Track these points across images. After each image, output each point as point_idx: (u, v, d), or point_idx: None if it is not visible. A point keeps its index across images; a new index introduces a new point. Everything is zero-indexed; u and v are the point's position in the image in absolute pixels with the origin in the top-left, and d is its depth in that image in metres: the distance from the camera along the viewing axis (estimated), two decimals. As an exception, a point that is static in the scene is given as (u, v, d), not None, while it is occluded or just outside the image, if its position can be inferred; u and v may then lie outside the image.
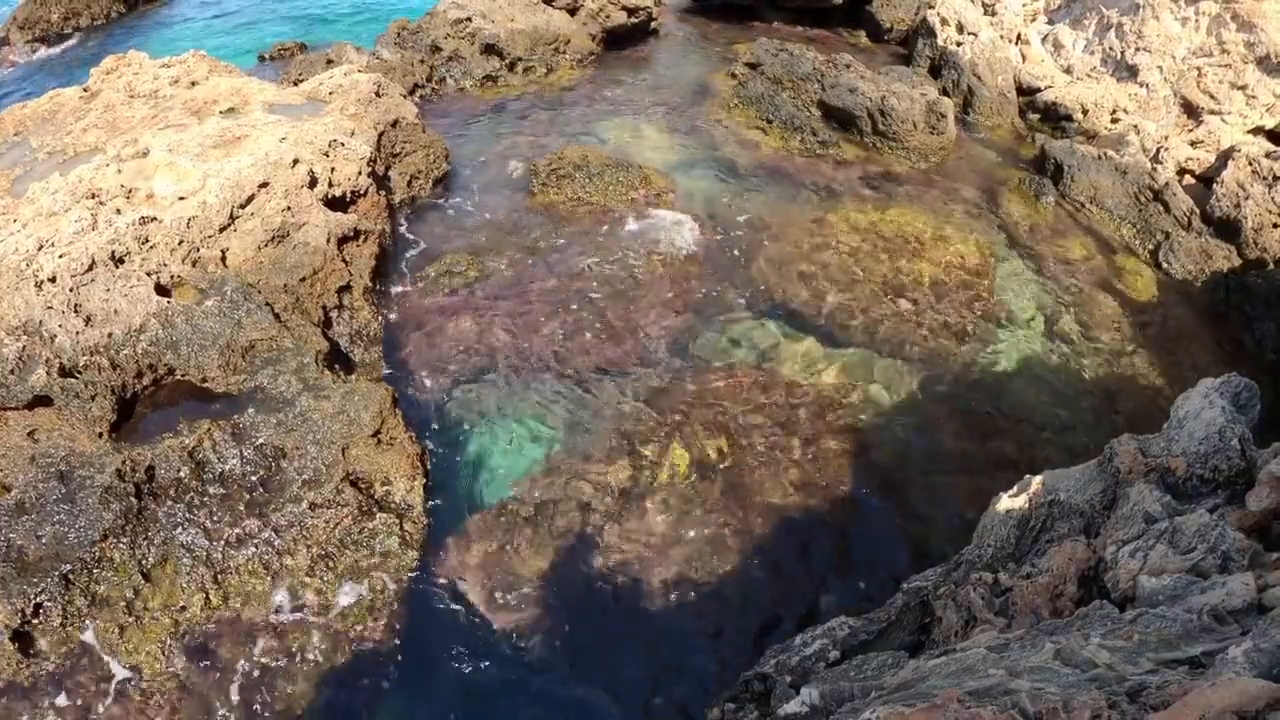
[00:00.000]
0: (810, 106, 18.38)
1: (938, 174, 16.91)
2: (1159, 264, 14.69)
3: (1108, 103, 17.68)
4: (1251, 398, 6.69)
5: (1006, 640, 4.89)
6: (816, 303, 13.13)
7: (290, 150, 12.67)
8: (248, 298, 10.78)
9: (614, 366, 11.84)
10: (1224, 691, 3.32)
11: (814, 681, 5.46)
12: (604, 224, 14.63)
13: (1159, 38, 17.43)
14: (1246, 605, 4.52)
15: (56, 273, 10.11)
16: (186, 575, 8.58)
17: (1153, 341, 13.06)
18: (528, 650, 8.64)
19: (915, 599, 6.98)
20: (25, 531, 8.38)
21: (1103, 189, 15.76)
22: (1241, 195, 14.60)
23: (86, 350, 9.81)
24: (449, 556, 9.43)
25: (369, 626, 8.62)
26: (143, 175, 11.86)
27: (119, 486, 8.71)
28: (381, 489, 9.47)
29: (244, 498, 9.12)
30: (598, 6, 22.03)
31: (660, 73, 21.04)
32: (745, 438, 10.85)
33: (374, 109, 15.21)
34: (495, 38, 20.24)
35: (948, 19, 20.53)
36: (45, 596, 8.10)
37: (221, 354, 10.27)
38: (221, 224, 11.45)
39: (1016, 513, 6.87)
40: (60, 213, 10.99)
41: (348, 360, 11.31)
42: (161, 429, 9.70)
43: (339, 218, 12.46)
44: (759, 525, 9.89)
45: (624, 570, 9.38)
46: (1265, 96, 16.15)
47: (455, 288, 12.97)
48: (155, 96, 14.52)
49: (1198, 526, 5.37)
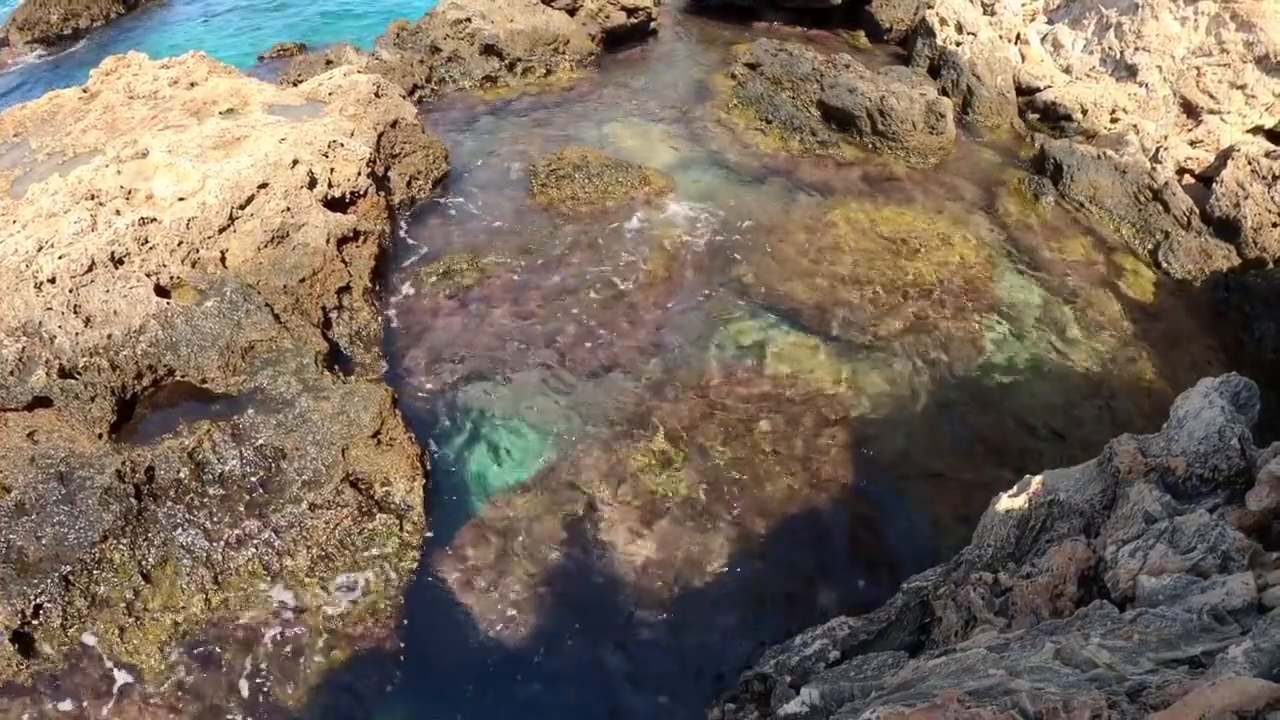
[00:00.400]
0: (810, 107, 18.38)
1: (937, 174, 16.91)
2: (1158, 264, 14.68)
3: (1107, 102, 17.68)
4: (1251, 397, 6.69)
5: (1006, 640, 4.89)
6: (816, 303, 13.12)
7: (290, 151, 12.67)
8: (247, 298, 10.78)
9: (613, 367, 11.84)
10: (1224, 691, 3.32)
11: (814, 681, 5.47)
12: (603, 224, 14.62)
13: (1158, 37, 17.43)
14: (1246, 605, 4.52)
15: (56, 274, 10.11)
16: (186, 576, 8.59)
17: (1152, 341, 13.05)
18: (527, 651, 8.64)
19: (915, 599, 6.99)
20: (25, 532, 8.39)
21: (1102, 189, 15.76)
22: (1241, 194, 14.60)
23: (86, 351, 9.81)
24: (449, 557, 9.44)
25: (369, 627, 8.62)
26: (142, 176, 11.86)
27: (119, 487, 8.72)
28: (381, 490, 9.47)
29: (244, 498, 9.12)
30: (597, 7, 22.01)
31: (659, 73, 21.02)
32: (745, 438, 10.86)
33: (373, 110, 15.20)
34: (494, 38, 20.22)
35: (946, 19, 20.53)
36: (45, 597, 8.10)
37: (221, 355, 10.27)
38: (221, 225, 11.45)
39: (1016, 512, 6.87)
40: (60, 214, 10.99)
41: (347, 361, 11.31)
42: (161, 430, 9.71)
43: (338, 218, 12.45)
44: (759, 525, 9.89)
45: (623, 571, 9.38)
46: (1265, 96, 16.15)
47: (455, 288, 12.96)
48: (155, 97, 14.51)
49: (1198, 526, 5.37)
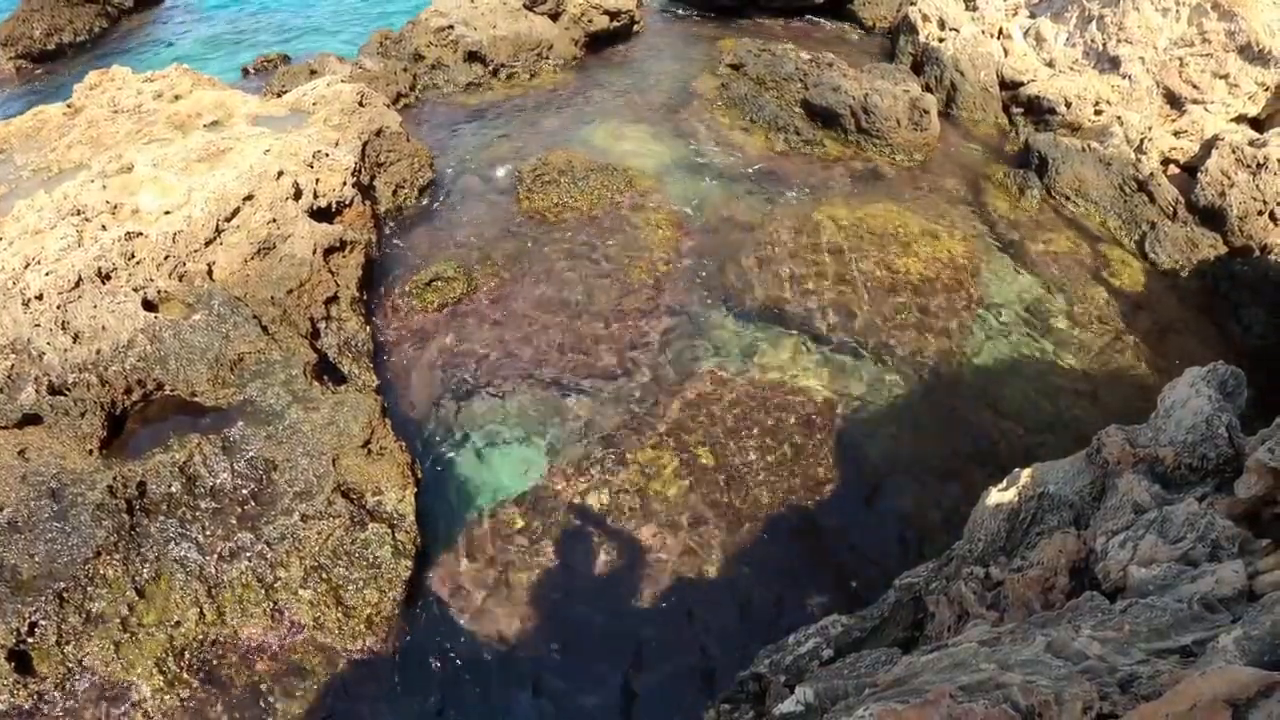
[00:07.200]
0: (794, 106, 18.43)
1: (922, 170, 16.96)
2: (1145, 254, 14.74)
3: (1091, 95, 17.74)
4: (1238, 385, 6.70)
5: (998, 634, 4.89)
6: (803, 303, 13.14)
7: (274, 162, 12.65)
8: (235, 311, 10.77)
9: (602, 373, 11.84)
10: (1215, 680, 3.33)
11: (808, 680, 5.46)
12: (590, 229, 14.62)
13: (1140, 29, 17.50)
14: (1237, 593, 4.53)
15: (43, 290, 10.08)
16: (180, 590, 8.55)
17: (1140, 331, 13.10)
18: (522, 658, 8.63)
19: (907, 595, 6.99)
20: (18, 550, 8.35)
21: (1087, 181, 15.82)
22: (1226, 183, 14.66)
23: (75, 367, 9.79)
24: (442, 565, 9.43)
25: (363, 637, 8.60)
26: (127, 190, 11.83)
27: (111, 503, 8.69)
28: (373, 499, 9.45)
29: (236, 511, 9.09)
30: (580, 11, 22.04)
31: (644, 75, 21.05)
32: (734, 441, 10.86)
33: (357, 119, 15.19)
34: (478, 45, 20.23)
35: (929, 15, 20.60)
36: (40, 615, 8.07)
37: (210, 368, 10.25)
38: (207, 238, 11.43)
39: (1006, 506, 6.88)
40: (46, 230, 10.96)
41: (336, 371, 11.28)
42: (152, 444, 9.68)
43: (324, 229, 12.45)
44: (750, 528, 9.89)
45: (616, 576, 9.38)
46: (1248, 85, 16.22)
47: (442, 297, 12.94)
48: (139, 111, 14.48)
49: (1187, 515, 5.38)
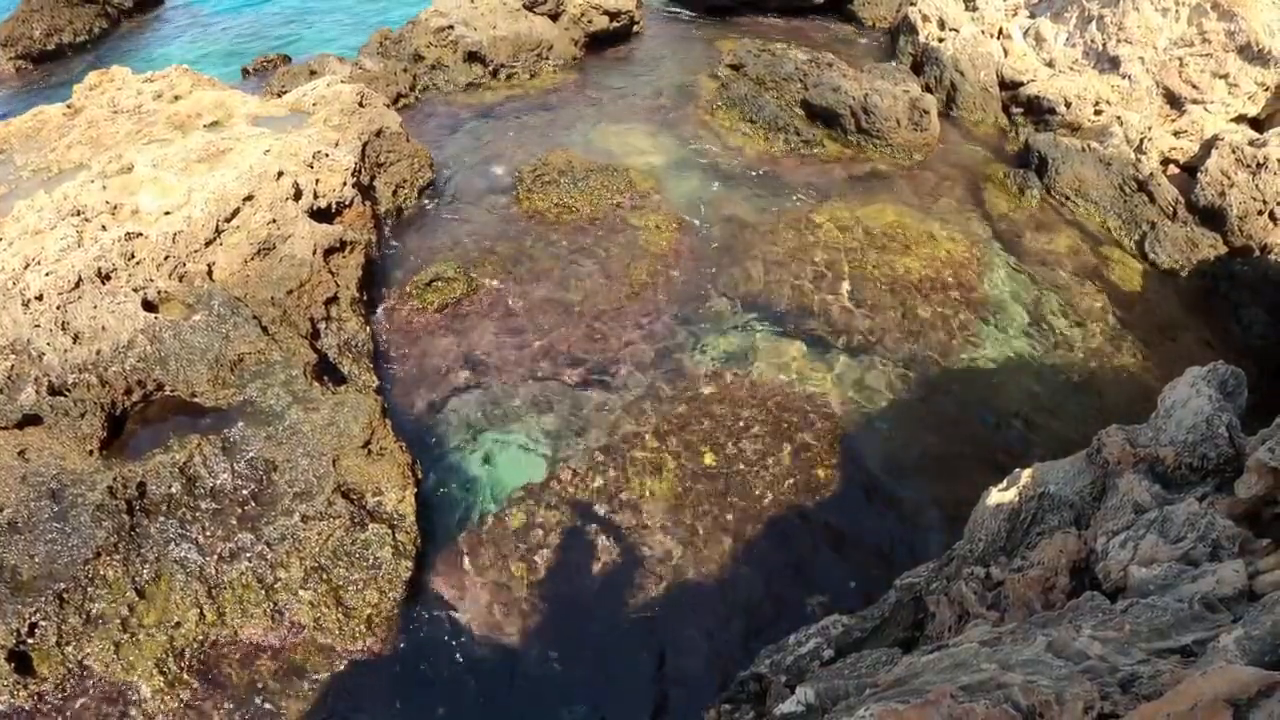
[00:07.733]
0: (794, 106, 18.42)
1: (922, 170, 16.96)
2: (1145, 254, 14.73)
3: (1090, 95, 17.74)
4: (1238, 385, 6.69)
5: (999, 634, 4.89)
6: (803, 303, 13.14)
7: (274, 163, 12.64)
8: (235, 311, 10.76)
9: (603, 374, 11.83)
10: (1215, 679, 3.32)
11: (809, 680, 5.46)
12: (589, 230, 14.62)
13: (1140, 29, 17.50)
14: (1237, 592, 4.52)
15: (43, 290, 10.08)
16: (180, 591, 8.54)
17: (1140, 331, 13.10)
18: (523, 659, 8.63)
19: (908, 595, 6.99)
20: (18, 551, 8.35)
21: (1087, 181, 15.82)
22: (1226, 183, 14.66)
23: (75, 368, 9.78)
24: (442, 566, 9.42)
25: (363, 638, 8.60)
26: (127, 191, 11.82)
27: (111, 504, 8.69)
28: (373, 500, 9.44)
29: (236, 512, 9.09)
30: (580, 11, 22.04)
31: (643, 75, 21.05)
32: (735, 442, 10.85)
33: (357, 119, 15.19)
34: (478, 45, 20.23)
35: (929, 15, 20.60)
36: (40, 615, 8.06)
37: (210, 368, 10.25)
38: (207, 238, 11.43)
39: (1007, 506, 6.87)
40: (46, 230, 10.96)
41: (336, 371, 11.28)
42: (152, 445, 9.67)
43: (324, 229, 12.44)
44: (751, 528, 9.89)
45: (617, 577, 9.37)
46: (1247, 85, 16.23)
47: (442, 297, 12.93)
48: (139, 111, 14.48)
49: (1187, 515, 5.38)
